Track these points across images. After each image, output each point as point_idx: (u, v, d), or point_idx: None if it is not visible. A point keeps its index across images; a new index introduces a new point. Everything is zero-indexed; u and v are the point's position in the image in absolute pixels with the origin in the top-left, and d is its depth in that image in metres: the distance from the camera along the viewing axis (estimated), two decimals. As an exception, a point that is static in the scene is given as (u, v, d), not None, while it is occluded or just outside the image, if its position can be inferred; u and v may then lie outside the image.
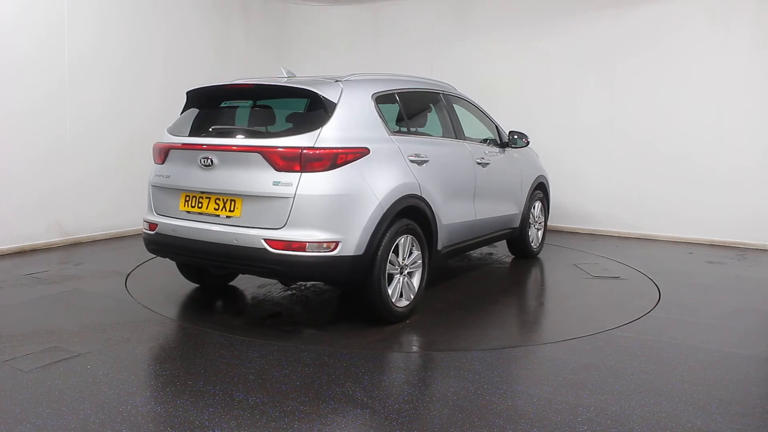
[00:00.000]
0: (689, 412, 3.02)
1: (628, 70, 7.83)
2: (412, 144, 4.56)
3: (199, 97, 4.62)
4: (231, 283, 5.33)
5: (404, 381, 3.34)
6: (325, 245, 3.84)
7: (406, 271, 4.34)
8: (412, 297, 4.41)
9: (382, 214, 4.01)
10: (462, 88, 6.07)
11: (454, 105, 5.41)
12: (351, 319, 4.49)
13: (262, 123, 4.39)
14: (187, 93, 4.65)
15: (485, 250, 6.88)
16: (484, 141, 5.71)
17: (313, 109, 4.11)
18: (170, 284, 5.28)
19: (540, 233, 6.66)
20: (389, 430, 2.80)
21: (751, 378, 3.49)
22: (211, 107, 4.58)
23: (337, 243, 3.87)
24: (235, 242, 3.98)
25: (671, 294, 5.21)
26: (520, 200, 6.09)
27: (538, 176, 6.48)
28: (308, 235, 3.83)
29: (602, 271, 6.03)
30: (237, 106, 4.54)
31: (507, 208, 5.86)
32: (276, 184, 3.88)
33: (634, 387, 3.30)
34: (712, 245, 7.42)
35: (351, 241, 3.90)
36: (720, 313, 4.76)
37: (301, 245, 3.82)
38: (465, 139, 5.32)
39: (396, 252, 4.23)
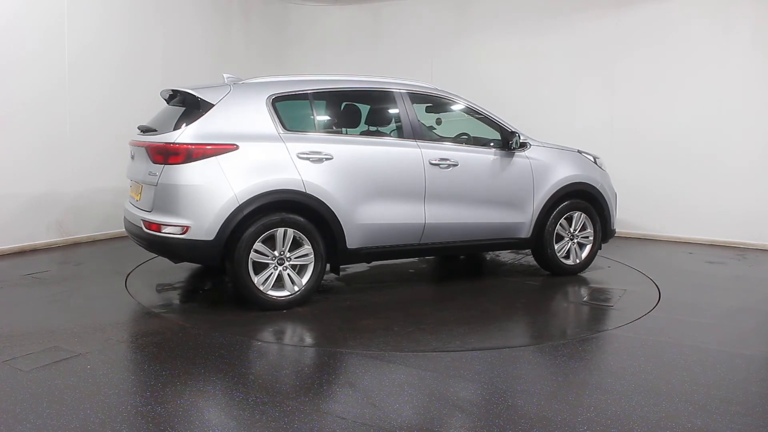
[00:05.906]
0: (689, 412, 3.02)
1: (628, 70, 7.84)
2: (312, 142, 4.69)
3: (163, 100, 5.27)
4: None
5: (404, 381, 3.34)
6: (176, 228, 4.37)
7: (287, 263, 4.56)
8: (296, 290, 4.58)
9: (237, 205, 4.37)
10: (462, 88, 6.04)
11: (414, 105, 5.21)
12: (353, 318, 4.50)
13: (163, 122, 4.81)
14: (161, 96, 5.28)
15: (529, 260, 6.16)
16: (486, 143, 5.47)
17: (193, 110, 4.60)
18: (170, 284, 5.29)
19: (586, 249, 5.85)
20: (389, 429, 2.80)
21: (751, 378, 3.49)
22: (162, 108, 5.22)
23: (187, 227, 4.35)
24: (131, 221, 4.78)
25: (671, 294, 5.21)
26: (528, 207, 5.52)
27: (574, 183, 5.70)
28: (163, 218, 4.42)
29: (591, 293, 5.98)
30: (167, 108, 5.10)
31: (502, 215, 5.43)
32: (150, 174, 4.51)
33: (634, 387, 3.30)
34: (712, 245, 7.42)
35: (200, 227, 4.35)
36: (720, 313, 4.77)
37: (158, 226, 4.43)
38: (421, 138, 5.11)
39: (272, 243, 4.50)
